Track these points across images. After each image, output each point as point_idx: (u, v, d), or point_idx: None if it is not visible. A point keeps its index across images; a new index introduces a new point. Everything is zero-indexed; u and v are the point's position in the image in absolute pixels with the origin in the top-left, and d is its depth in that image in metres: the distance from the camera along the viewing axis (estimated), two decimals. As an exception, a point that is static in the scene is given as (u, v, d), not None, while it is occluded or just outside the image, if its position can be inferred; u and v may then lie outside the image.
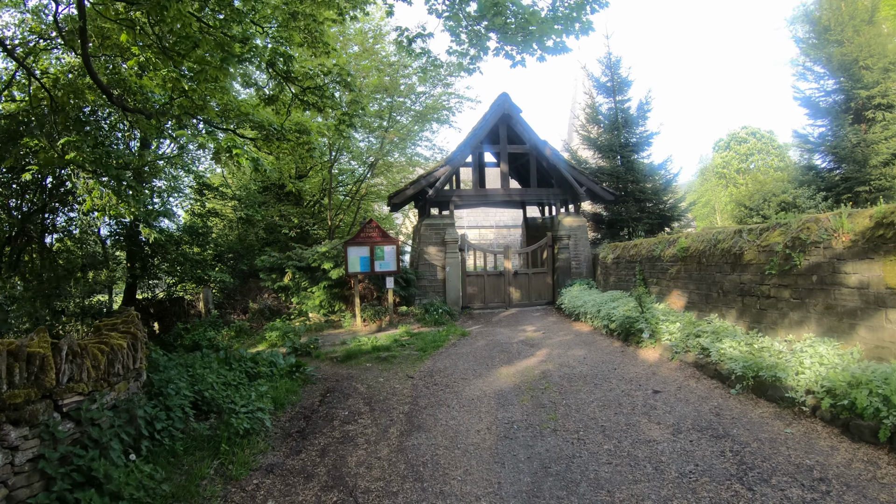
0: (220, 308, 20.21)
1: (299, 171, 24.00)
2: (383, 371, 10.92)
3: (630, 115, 22.06)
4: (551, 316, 17.08)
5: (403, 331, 14.55)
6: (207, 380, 8.77)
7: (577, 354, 11.47)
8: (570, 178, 18.55)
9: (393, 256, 15.71)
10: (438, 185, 17.01)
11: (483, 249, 18.30)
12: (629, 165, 21.43)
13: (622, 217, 20.72)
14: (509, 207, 22.58)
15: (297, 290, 16.72)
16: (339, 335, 14.80)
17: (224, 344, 15.95)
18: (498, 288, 18.12)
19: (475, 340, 13.43)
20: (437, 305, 16.32)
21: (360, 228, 16.35)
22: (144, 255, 19.11)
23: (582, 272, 19.00)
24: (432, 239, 17.38)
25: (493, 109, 18.11)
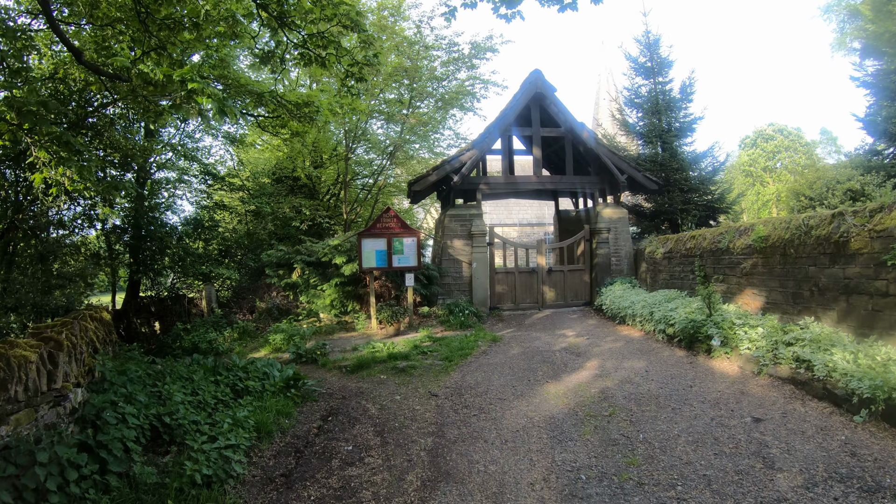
0: (226, 307, 18.23)
1: (314, 161, 21.98)
2: (400, 386, 8.77)
3: (672, 97, 19.68)
4: (590, 318, 14.82)
5: (425, 335, 12.39)
6: (175, 398, 6.71)
7: (636, 367, 9.24)
8: (611, 164, 16.28)
9: (413, 250, 13.57)
10: (464, 171, 14.84)
11: (514, 244, 16.10)
12: (672, 152, 19.08)
13: (665, 208, 18.36)
14: (540, 198, 20.32)
15: (306, 287, 14.65)
16: (352, 339, 12.68)
17: (224, 347, 14.04)
18: (530, 287, 15.91)
19: (509, 348, 11.23)
20: (463, 306, 14.14)
21: (376, 218, 14.21)
22: (145, 249, 17.22)
23: (622, 269, 16.71)
24: (457, 231, 15.20)
25: (524, 88, 15.91)
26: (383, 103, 20.02)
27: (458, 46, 20.19)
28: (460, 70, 20.71)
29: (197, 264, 17.07)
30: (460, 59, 20.33)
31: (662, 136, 19.16)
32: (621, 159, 16.75)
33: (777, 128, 49.24)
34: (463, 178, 14.89)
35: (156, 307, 18.54)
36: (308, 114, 10.91)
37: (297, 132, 13.35)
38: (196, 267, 17.00)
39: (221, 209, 19.95)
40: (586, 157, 16.93)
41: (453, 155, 15.39)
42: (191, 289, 17.88)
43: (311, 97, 8.82)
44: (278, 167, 22.23)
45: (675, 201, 18.25)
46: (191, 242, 18.21)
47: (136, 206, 17.28)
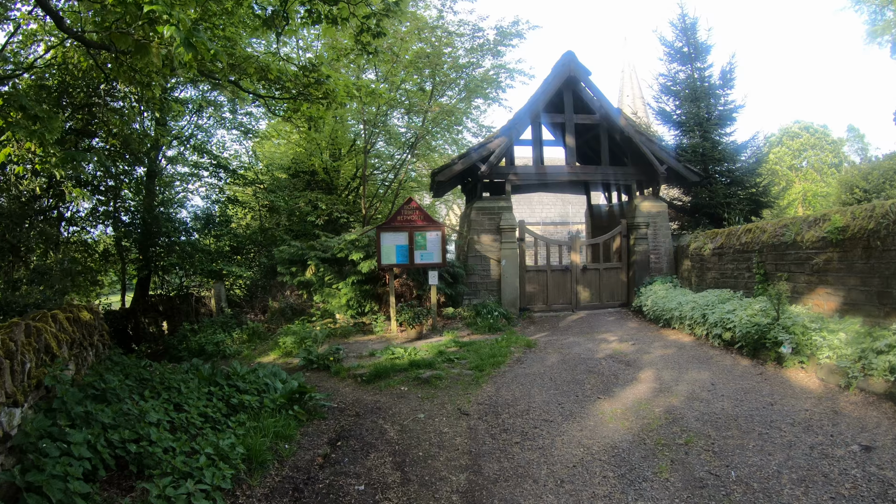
0: (237, 306, 17.02)
1: (333, 154, 20.71)
2: (424, 400, 7.40)
3: (712, 84, 18.08)
4: (630, 321, 13.35)
5: (450, 339, 11.02)
6: (149, 417, 5.42)
7: (699, 379, 7.79)
8: (650, 154, 14.78)
9: (437, 245, 12.20)
10: (492, 160, 13.43)
11: (546, 240, 14.66)
12: (712, 142, 17.50)
13: (705, 202, 16.78)
14: (571, 192, 18.84)
15: (320, 286, 13.34)
16: (369, 343, 11.35)
17: (231, 350, 12.85)
18: (563, 286, 14.46)
19: (546, 354, 9.81)
20: (491, 307, 12.74)
21: (396, 210, 12.85)
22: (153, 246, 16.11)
23: (662, 267, 15.20)
24: (485, 226, 13.80)
25: (556, 71, 14.47)
26: (403, 94, 18.65)
27: (483, 32, 18.78)
28: (485, 57, 19.28)
29: (206, 261, 15.89)
30: (485, 45, 18.90)
31: (702, 126, 17.58)
32: (661, 149, 15.25)
33: (803, 125, 47.49)
34: (491, 168, 13.48)
35: (164, 306, 17.41)
36: (321, 94, 9.76)
37: (311, 118, 12.14)
38: (205, 264, 15.82)
39: (234, 204, 18.77)
40: (622, 147, 15.45)
41: (480, 143, 14.00)
42: (201, 287, 16.68)
43: (320, 60, 7.47)
44: (295, 161, 21.02)
45: (718, 194, 16.67)
46: (201, 238, 17.05)
47: (147, 201, 16.16)
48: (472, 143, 21.33)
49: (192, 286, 16.87)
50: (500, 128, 14.36)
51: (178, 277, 17.10)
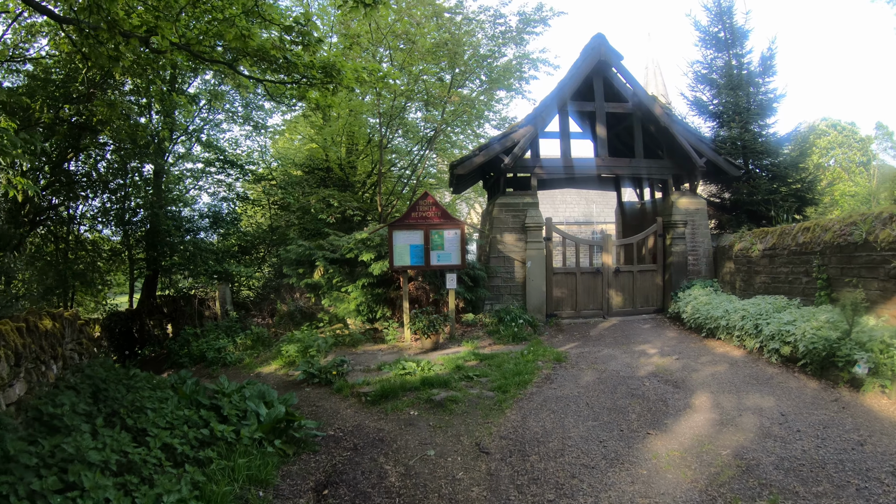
0: (243, 308, 15.95)
1: (349, 150, 19.56)
2: (436, 430, 6.16)
3: (751, 71, 16.54)
4: (668, 329, 11.97)
5: (469, 351, 9.75)
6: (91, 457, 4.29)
7: (764, 407, 6.46)
8: (688, 146, 13.36)
9: (456, 245, 10.94)
10: (517, 151, 12.11)
11: (575, 239, 13.31)
12: (752, 134, 15.98)
13: (746, 199, 15.27)
14: (600, 187, 17.35)
15: (329, 288, 12.14)
16: (378, 354, 10.13)
17: (233, 358, 11.79)
18: (593, 290, 13.10)
19: (579, 371, 8.48)
20: (515, 313, 11.44)
21: (410, 206, 11.59)
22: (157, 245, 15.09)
23: (700, 270, 13.78)
24: (508, 224, 12.48)
25: (585, 56, 13.10)
26: (421, 87, 17.37)
27: (505, 18, 17.45)
28: (507, 46, 17.93)
29: (212, 261, 14.81)
30: (507, 33, 17.57)
31: (741, 116, 16.08)
32: (700, 140, 13.81)
33: (830, 123, 45.41)
34: (515, 160, 12.16)
35: (168, 308, 16.41)
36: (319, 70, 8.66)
37: (319, 105, 10.96)
38: (210, 265, 14.74)
39: (244, 201, 17.69)
40: (657, 139, 14.04)
41: (502, 133, 12.68)
42: (206, 288, 15.61)
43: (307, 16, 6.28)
44: (310, 158, 19.92)
45: (760, 190, 15.16)
46: (207, 237, 16.00)
47: (154, 198, 15.17)
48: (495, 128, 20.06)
49: (198, 287, 15.82)
50: (524, 117, 13.03)
51: (184, 278, 16.07)
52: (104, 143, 13.61)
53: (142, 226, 15.50)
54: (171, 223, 14.11)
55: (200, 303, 15.23)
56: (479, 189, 23.24)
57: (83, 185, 14.62)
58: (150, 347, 15.58)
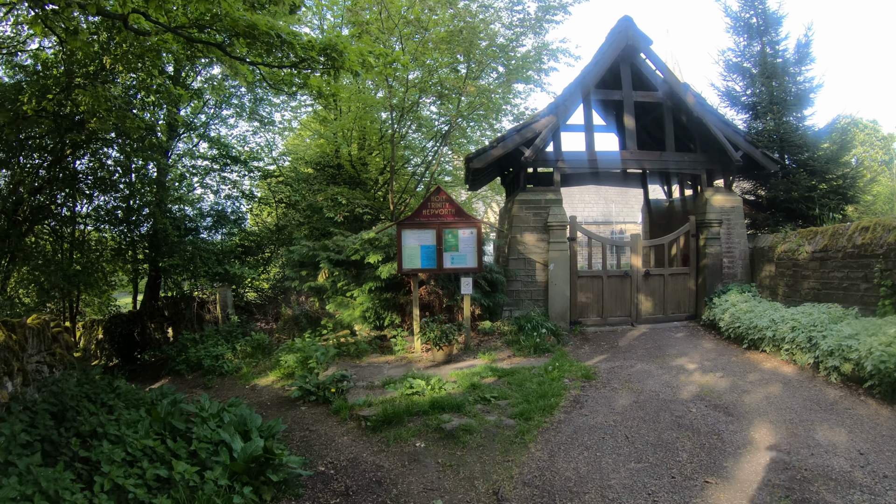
0: (247, 312, 14.95)
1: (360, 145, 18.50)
2: (446, 469, 5.06)
3: (787, 59, 15.20)
4: (703, 339, 10.77)
5: (486, 365, 8.61)
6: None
7: (838, 444, 5.36)
8: (723, 138, 12.11)
9: (472, 246, 9.81)
10: (538, 143, 10.95)
11: (601, 239, 12.14)
12: (789, 127, 14.66)
13: (783, 196, 13.95)
14: (625, 184, 16.12)
15: (334, 292, 11.07)
16: (385, 367, 9.05)
17: (230, 367, 10.82)
18: (621, 295, 11.91)
19: (613, 392, 7.32)
20: (536, 321, 10.28)
21: (420, 202, 10.47)
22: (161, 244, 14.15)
23: (736, 273, 12.54)
24: (529, 222, 11.32)
25: (611, 40, 11.91)
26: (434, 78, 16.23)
27: (523, 5, 16.28)
28: (525, 35, 16.74)
29: (211, 262, 13.82)
30: (525, 21, 16.37)
31: (776, 108, 14.77)
32: (735, 132, 12.55)
33: (852, 120, 43.55)
34: (536, 152, 10.99)
35: (169, 311, 15.46)
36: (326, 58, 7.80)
37: (321, 93, 9.94)
38: (210, 265, 13.75)
39: (250, 199, 16.69)
40: (689, 130, 12.81)
41: (522, 123, 11.52)
42: (207, 290, 14.63)
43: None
44: (321, 154, 18.90)
45: (800, 187, 13.85)
46: (210, 237, 15.03)
47: (157, 196, 14.23)
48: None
49: (200, 289, 14.84)
50: (545, 106, 11.85)
51: (184, 280, 15.13)
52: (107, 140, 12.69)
53: (142, 225, 14.58)
54: (168, 222, 13.13)
55: (201, 306, 14.25)
56: (497, 187, 22.10)
57: (88, 184, 13.75)
58: (150, 351, 14.63)
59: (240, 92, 17.30)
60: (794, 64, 15.15)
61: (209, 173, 15.94)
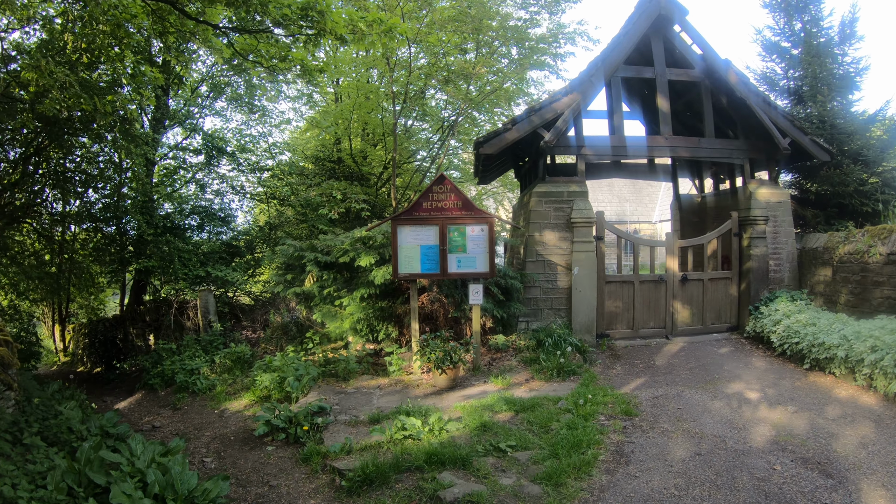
0: (234, 318, 13.25)
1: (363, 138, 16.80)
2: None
3: (831, 38, 13.28)
4: (752, 355, 8.98)
5: (499, 394, 6.81)
6: None
7: None
8: (769, 122, 10.29)
9: (483, 246, 8.03)
10: (560, 125, 9.14)
11: (634, 239, 10.34)
12: (835, 113, 12.76)
13: (837, 190, 12.04)
14: (652, 177, 14.12)
15: (322, 300, 9.31)
16: (376, 393, 7.31)
17: (203, 385, 9.20)
18: (655, 303, 10.12)
19: (664, 437, 5.52)
20: (558, 335, 8.47)
21: (420, 193, 8.66)
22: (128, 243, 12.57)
23: (782, 277, 10.71)
24: (549, 218, 9.52)
25: (641, 10, 10.05)
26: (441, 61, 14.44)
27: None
28: (539, 15, 14.92)
29: (192, 264, 12.14)
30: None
31: (820, 92, 12.87)
32: (783, 116, 10.71)
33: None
34: (558, 136, 9.17)
35: (150, 316, 13.81)
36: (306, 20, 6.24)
37: (306, 68, 8.39)
38: (191, 268, 12.09)
39: (239, 194, 15.00)
40: (729, 114, 10.98)
41: (542, 102, 9.67)
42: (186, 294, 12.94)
43: None
44: (319, 147, 17.21)
45: (852, 180, 11.95)
46: (195, 237, 13.36)
47: (142, 192, 12.60)
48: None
49: (180, 293, 13.13)
50: (566, 84, 10.00)
51: (163, 282, 13.46)
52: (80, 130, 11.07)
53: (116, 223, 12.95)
54: (142, 219, 11.47)
55: (180, 311, 12.57)
56: (509, 182, 20.30)
57: (64, 179, 12.19)
58: (130, 361, 13.00)
59: (233, 81, 15.68)
60: (839, 44, 13.24)
61: (196, 167, 14.30)
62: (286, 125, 19.11)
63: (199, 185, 14.13)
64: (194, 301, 12.48)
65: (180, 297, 12.46)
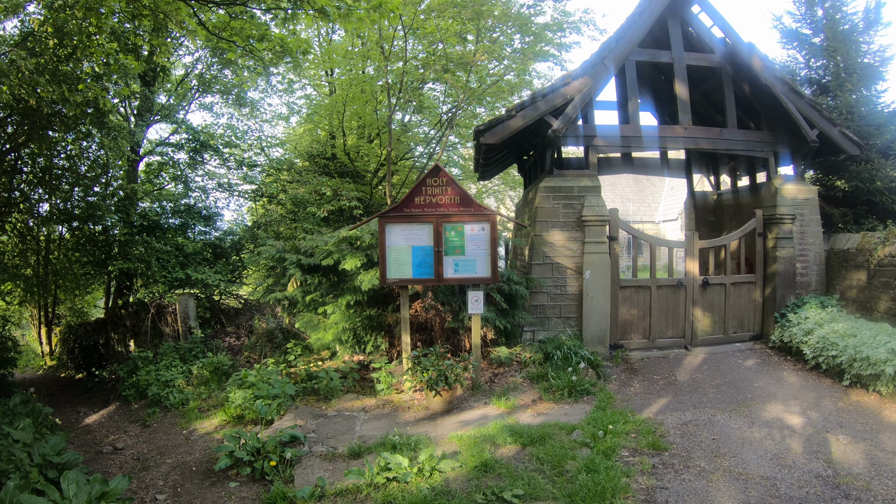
0: (219, 323, 12.26)
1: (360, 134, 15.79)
2: None
3: (855, 26, 12.23)
4: (780, 369, 7.98)
5: (501, 421, 5.75)
6: None
7: None
8: (796, 112, 9.26)
9: (484, 247, 6.98)
10: (570, 111, 8.12)
11: (651, 240, 9.31)
12: (860, 104, 11.73)
13: (866, 187, 11.01)
14: (664, 173, 12.99)
15: (305, 306, 8.29)
16: (360, 417, 6.28)
17: (175, 399, 8.24)
18: (673, 310, 9.10)
19: (702, 480, 4.50)
20: (568, 347, 7.43)
21: (412, 187, 7.57)
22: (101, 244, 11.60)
23: (809, 282, 9.69)
24: (557, 216, 8.50)
25: (657, -16, 9.06)
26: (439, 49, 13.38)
27: None
28: (545, 1, 13.86)
29: (171, 265, 11.15)
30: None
31: (856, 77, 11.82)
32: (810, 105, 9.68)
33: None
34: (567, 124, 8.14)
35: (131, 320, 12.80)
36: None
37: (287, 48, 7.47)
38: (170, 270, 11.09)
39: (226, 192, 13.96)
40: (751, 104, 9.96)
41: (548, 87, 8.62)
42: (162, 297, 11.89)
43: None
44: (313, 143, 16.23)
45: (883, 175, 10.90)
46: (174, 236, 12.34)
47: (127, 189, 11.61)
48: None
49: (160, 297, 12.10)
50: (577, 66, 8.94)
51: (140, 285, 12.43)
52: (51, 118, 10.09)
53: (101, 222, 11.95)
54: (117, 218, 10.48)
55: (159, 316, 11.56)
56: (510, 181, 19.24)
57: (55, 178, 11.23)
58: (109, 368, 11.98)
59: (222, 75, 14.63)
60: (863, 31, 12.18)
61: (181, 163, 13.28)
62: (279, 120, 18.10)
63: (183, 181, 13.10)
64: (174, 306, 11.47)
65: (159, 301, 11.44)
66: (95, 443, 8.04)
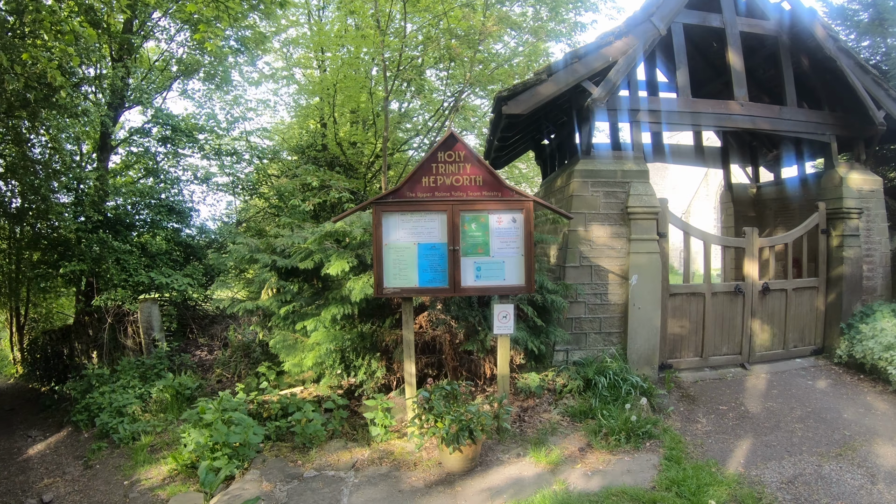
0: (186, 334, 10.46)
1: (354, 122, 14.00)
2: None
3: None
4: (859, 393, 6.33)
5: (548, 492, 3.96)
6: None
7: None
8: (863, 90, 7.55)
9: (515, 244, 5.13)
10: (612, 76, 6.34)
11: (706, 236, 7.55)
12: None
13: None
14: (699, 163, 11.21)
15: (282, 319, 6.45)
16: (347, 480, 4.49)
17: (127, 431, 6.47)
18: (729, 321, 7.37)
19: None
20: (613, 371, 5.65)
21: (418, 164, 5.61)
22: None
23: (875, 286, 8.01)
24: (597, 207, 6.69)
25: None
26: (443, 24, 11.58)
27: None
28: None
29: (133, 268, 9.33)
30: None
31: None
32: (876, 82, 7.95)
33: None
34: (610, 91, 6.35)
35: (93, 330, 10.98)
36: None
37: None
38: (131, 273, 9.27)
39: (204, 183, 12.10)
40: (812, 79, 8.21)
41: (584, 48, 6.78)
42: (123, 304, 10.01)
43: None
44: (304, 134, 14.43)
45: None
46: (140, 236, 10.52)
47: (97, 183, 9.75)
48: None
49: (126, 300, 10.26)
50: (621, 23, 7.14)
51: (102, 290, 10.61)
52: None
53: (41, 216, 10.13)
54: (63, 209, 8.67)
55: (119, 326, 9.73)
56: (517, 175, 17.49)
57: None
58: (71, 383, 10.12)
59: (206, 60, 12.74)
60: (913, 9, 10.58)
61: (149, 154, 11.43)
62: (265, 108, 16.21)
63: (153, 171, 11.27)
64: (136, 314, 9.62)
65: (118, 308, 9.58)
66: (24, 489, 6.38)
